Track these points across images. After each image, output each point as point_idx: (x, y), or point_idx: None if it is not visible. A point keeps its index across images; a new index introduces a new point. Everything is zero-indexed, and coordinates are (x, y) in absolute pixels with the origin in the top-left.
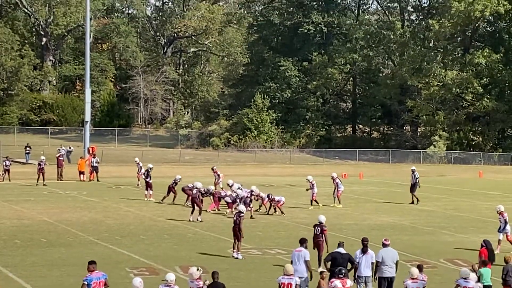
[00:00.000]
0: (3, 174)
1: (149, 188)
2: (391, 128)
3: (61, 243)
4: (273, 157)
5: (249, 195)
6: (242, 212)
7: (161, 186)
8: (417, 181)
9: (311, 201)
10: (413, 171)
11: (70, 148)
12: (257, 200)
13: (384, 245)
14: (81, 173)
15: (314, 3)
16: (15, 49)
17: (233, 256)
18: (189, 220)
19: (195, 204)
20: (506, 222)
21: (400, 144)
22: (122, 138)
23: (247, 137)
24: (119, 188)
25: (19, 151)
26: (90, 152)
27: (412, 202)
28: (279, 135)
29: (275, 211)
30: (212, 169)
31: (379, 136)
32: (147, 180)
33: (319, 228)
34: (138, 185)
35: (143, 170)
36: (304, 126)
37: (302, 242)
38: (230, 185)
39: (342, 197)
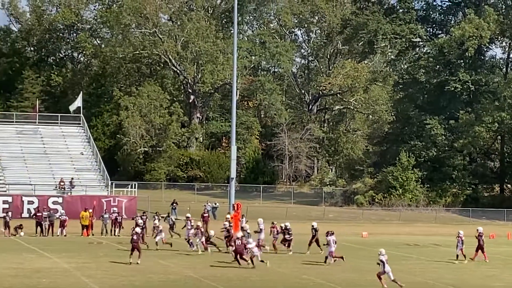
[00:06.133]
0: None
1: None
2: None
3: None
4: (418, 216)
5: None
6: None
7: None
8: None
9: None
10: None
11: (215, 204)
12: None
13: None
14: None
15: (461, 61)
16: (164, 106)
17: None
18: None
19: None
20: None
21: None
22: (266, 195)
23: (391, 195)
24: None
25: (166, 207)
26: (235, 208)
27: None
28: (425, 194)
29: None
30: None
31: None
32: None
33: None
34: None
35: None
36: (450, 185)
37: None
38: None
39: (489, 257)
